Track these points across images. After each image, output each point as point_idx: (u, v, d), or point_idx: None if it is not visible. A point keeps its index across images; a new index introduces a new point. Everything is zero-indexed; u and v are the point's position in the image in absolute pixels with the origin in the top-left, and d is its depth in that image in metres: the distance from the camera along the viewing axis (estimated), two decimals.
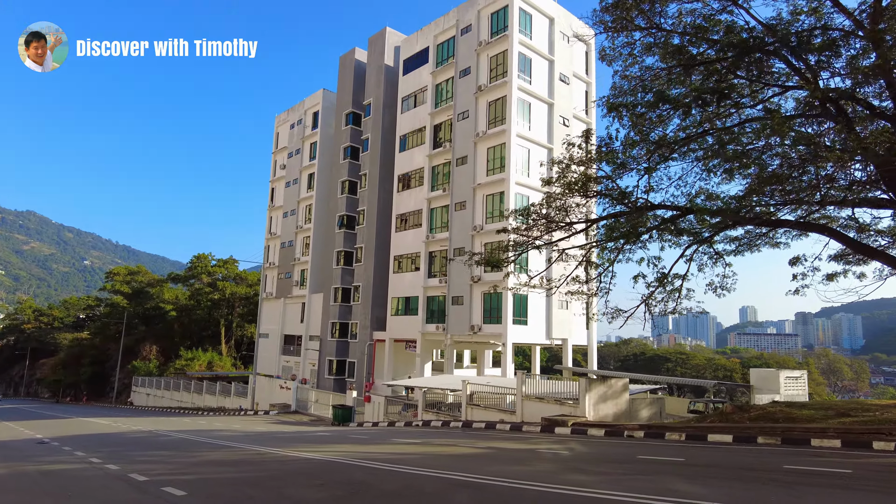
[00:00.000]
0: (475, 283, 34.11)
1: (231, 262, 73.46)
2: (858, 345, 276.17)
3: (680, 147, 14.02)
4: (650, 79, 14.01)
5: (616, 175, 15.11)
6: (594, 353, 38.55)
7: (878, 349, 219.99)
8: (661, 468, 9.25)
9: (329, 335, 44.86)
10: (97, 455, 13.56)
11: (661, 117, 14.88)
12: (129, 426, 24.32)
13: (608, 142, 14.65)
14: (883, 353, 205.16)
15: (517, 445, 13.33)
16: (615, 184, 15.61)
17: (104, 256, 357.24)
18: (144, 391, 56.60)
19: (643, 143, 14.21)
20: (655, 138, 14.03)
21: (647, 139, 14.89)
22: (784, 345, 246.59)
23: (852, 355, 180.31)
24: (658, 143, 13.61)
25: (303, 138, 53.52)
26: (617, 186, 15.64)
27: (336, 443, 15.03)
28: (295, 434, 19.12)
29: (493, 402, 22.02)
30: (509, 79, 34.41)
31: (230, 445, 14.71)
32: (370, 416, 26.45)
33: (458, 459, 10.99)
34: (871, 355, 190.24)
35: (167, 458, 13.01)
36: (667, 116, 14.60)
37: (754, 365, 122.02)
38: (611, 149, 14.46)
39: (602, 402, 18.48)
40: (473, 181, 35.45)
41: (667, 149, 14.29)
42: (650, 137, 14.29)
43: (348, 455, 11.81)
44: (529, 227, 16.72)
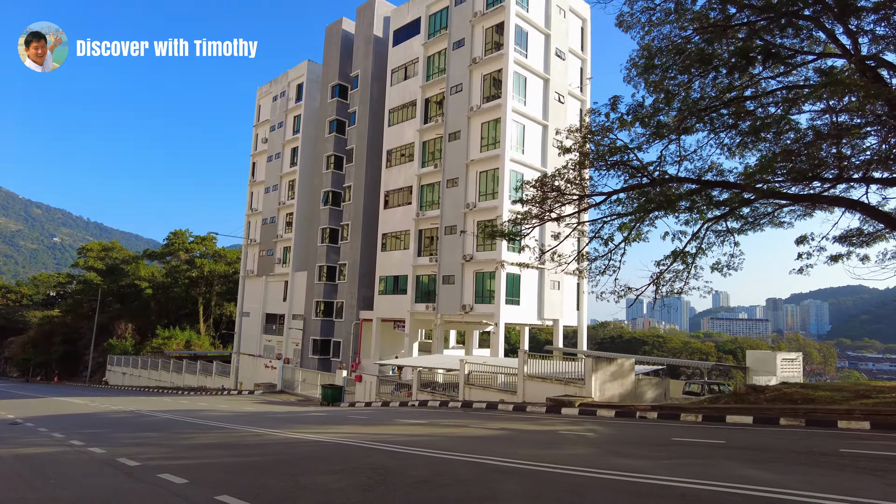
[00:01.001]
0: (467, 262, 33.32)
1: (209, 238, 71.39)
2: (825, 330, 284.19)
3: (710, 114, 13.23)
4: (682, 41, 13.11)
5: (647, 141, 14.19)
6: (584, 333, 38.23)
7: (842, 334, 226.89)
8: (708, 451, 8.61)
9: (313, 314, 43.76)
10: (78, 437, 12.49)
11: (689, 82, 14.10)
12: (107, 406, 23.11)
13: (638, 104, 13.69)
14: (847, 338, 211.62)
15: (531, 427, 12.65)
16: (634, 154, 14.79)
17: (74, 233, 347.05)
18: (120, 370, 54.88)
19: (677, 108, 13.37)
20: (681, 105, 13.22)
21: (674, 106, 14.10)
22: (755, 329, 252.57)
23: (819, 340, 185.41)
24: (690, 107, 12.75)
25: (286, 111, 51.69)
26: (637, 157, 14.82)
27: (337, 424, 14.19)
28: (288, 414, 18.22)
29: (490, 382, 21.38)
30: (505, 51, 33.30)
31: (222, 426, 13.76)
32: (361, 396, 25.65)
33: (477, 442, 10.23)
34: (837, 340, 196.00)
35: (156, 440, 12.01)
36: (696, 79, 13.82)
37: (729, 349, 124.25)
38: (638, 115, 13.54)
39: (609, 383, 17.93)
40: (466, 157, 34.44)
41: (695, 117, 13.50)
42: (674, 105, 13.51)
43: (357, 437, 10.97)
44: (545, 198, 15.73)
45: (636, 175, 15.70)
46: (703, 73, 12.99)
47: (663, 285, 17.88)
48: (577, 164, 15.53)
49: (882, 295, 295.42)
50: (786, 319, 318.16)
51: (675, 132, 13.68)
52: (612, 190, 15.57)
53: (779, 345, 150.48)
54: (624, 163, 14.69)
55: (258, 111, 56.64)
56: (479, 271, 32.99)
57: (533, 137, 34.76)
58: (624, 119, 13.94)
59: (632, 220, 16.64)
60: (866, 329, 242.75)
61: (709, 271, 18.29)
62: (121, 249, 76.03)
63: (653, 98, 14.49)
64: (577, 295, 37.99)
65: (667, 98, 13.27)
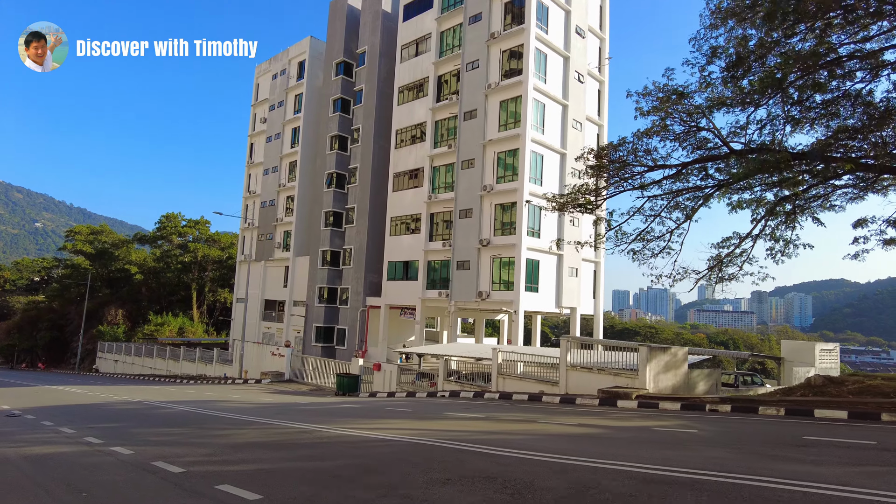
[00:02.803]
0: (483, 248, 31.85)
1: (203, 222, 69.10)
2: (808, 323, 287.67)
3: (810, 75, 11.79)
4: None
5: (734, 105, 12.73)
6: (600, 322, 37.05)
7: (825, 327, 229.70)
8: (886, 456, 7.28)
9: (316, 300, 42.11)
10: (92, 433, 10.90)
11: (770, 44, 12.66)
12: (109, 395, 21.41)
13: (735, 62, 12.19)
14: (830, 330, 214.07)
15: (610, 422, 11.28)
16: (711, 122, 13.32)
17: (57, 219, 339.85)
18: (112, 357, 52.82)
19: (761, 75, 11.92)
20: (781, 63, 11.74)
21: (753, 70, 12.69)
22: (741, 321, 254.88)
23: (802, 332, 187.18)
24: (791, 62, 11.27)
25: (287, 90, 49.58)
26: (712, 127, 13.36)
27: (382, 418, 12.71)
28: (317, 406, 16.68)
29: (527, 372, 20.02)
30: (527, 26, 31.67)
31: (255, 420, 12.21)
32: (379, 385, 24.18)
33: (574, 441, 8.81)
34: (820, 332, 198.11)
35: (187, 437, 10.45)
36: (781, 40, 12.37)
37: (720, 340, 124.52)
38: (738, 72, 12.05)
39: (662, 374, 16.63)
40: (483, 137, 32.85)
41: (776, 86, 12.05)
42: (767, 63, 12.07)
43: (421, 434, 9.51)
44: (622, 165, 14.16)
45: (714, 146, 14.27)
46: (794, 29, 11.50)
47: (720, 268, 16.59)
48: (651, 132, 13.80)
49: (863, 288, 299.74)
50: (770, 312, 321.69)
51: (766, 94, 12.20)
52: (698, 157, 13.86)
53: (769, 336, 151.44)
54: (707, 129, 13.18)
55: (256, 90, 54.41)
56: (497, 256, 31.55)
57: (553, 117, 33.24)
58: (731, 77, 12.28)
59: (696, 196, 15.26)
60: (848, 322, 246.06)
61: (762, 258, 16.88)
62: (110, 233, 73.44)
63: (739, 51, 13.04)
64: (593, 282, 36.74)
65: (761, 49, 11.79)
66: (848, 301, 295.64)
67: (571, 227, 33.54)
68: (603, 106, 38.43)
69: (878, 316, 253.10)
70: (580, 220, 34.37)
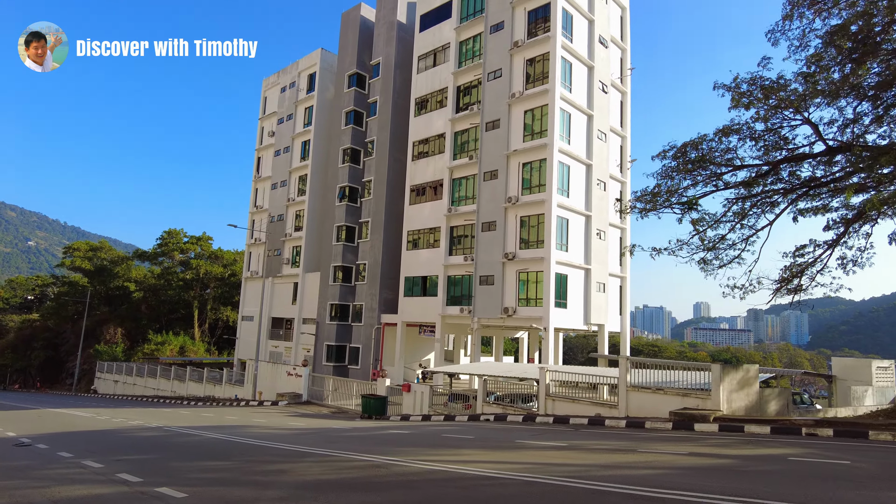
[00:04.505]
0: (508, 261, 30.54)
1: (205, 238, 67.50)
2: (804, 340, 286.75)
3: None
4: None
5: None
6: (627, 340, 35.69)
7: (822, 345, 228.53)
8: None
9: (328, 318, 40.54)
10: (123, 467, 9.38)
11: None
12: (122, 420, 19.73)
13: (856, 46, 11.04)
14: (827, 348, 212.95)
15: (723, 450, 9.86)
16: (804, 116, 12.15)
17: (51, 237, 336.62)
18: (111, 378, 50.76)
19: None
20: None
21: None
22: (738, 339, 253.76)
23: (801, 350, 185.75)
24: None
25: (296, 102, 48.54)
26: (805, 121, 12.19)
27: (448, 447, 11.22)
28: (361, 432, 15.10)
29: (574, 394, 18.57)
30: (553, 34, 30.79)
31: (308, 451, 10.69)
32: (410, 407, 22.59)
33: (720, 477, 7.36)
34: (817, 350, 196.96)
35: (241, 474, 8.94)
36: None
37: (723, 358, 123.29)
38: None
39: (735, 393, 15.24)
40: (507, 147, 31.76)
41: None
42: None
43: (522, 468, 8.06)
44: (700, 163, 12.92)
45: (793, 147, 13.07)
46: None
47: (802, 277, 15.31)
48: (730, 130, 12.59)
49: (858, 306, 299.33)
50: (766, 330, 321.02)
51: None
52: (785, 157, 12.67)
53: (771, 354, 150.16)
54: (806, 122, 11.99)
55: (264, 103, 53.35)
56: (523, 271, 30.22)
57: (578, 127, 32.23)
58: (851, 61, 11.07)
59: (775, 200, 14.03)
60: (845, 339, 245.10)
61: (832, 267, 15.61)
62: (109, 249, 71.65)
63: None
64: (619, 298, 35.42)
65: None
66: (843, 318, 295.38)
67: (598, 241, 32.32)
68: (626, 117, 37.53)
69: (874, 333, 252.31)
70: (606, 234, 33.21)
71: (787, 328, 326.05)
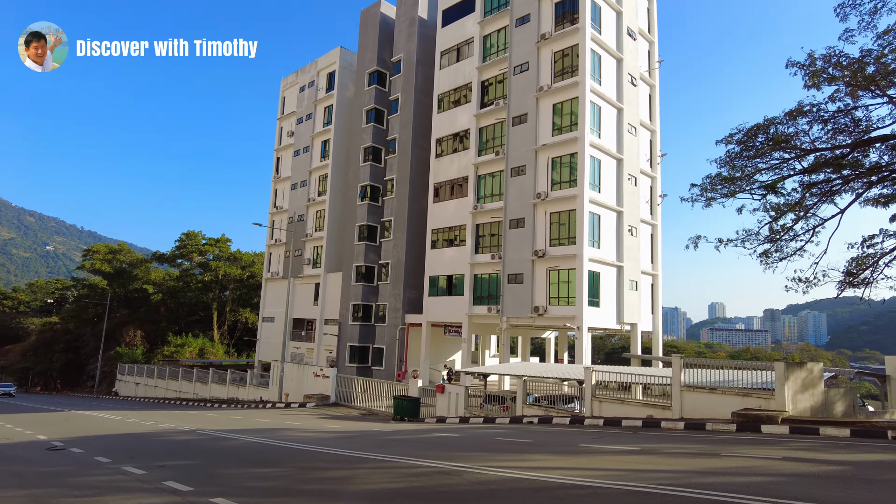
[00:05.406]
0: (538, 259, 29.72)
1: (223, 240, 67.34)
2: (823, 341, 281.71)
3: None
4: None
5: None
6: (660, 339, 34.65)
7: (841, 345, 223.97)
8: None
9: (350, 318, 39.94)
10: (167, 474, 8.76)
11: None
12: (152, 423, 19.19)
13: None
14: (847, 348, 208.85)
15: (818, 455, 9.02)
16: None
17: (68, 242, 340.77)
18: (132, 380, 50.59)
19: None
20: None
21: None
22: (755, 340, 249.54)
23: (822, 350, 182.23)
24: None
25: (315, 102, 48.10)
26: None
27: (507, 451, 10.45)
28: (407, 435, 14.37)
29: (619, 395, 17.73)
30: (582, 25, 29.97)
31: (362, 457, 9.98)
32: (444, 409, 21.85)
33: (842, 486, 6.55)
34: (837, 351, 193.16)
35: (298, 483, 8.25)
36: None
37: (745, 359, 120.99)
38: None
39: (800, 393, 14.33)
40: (535, 142, 30.95)
41: None
42: None
43: (602, 475, 7.29)
44: (774, 145, 12.05)
45: (864, 130, 12.16)
46: None
47: (859, 272, 14.37)
48: (798, 112, 11.74)
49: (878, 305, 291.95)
50: (783, 330, 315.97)
51: None
52: (863, 140, 11.78)
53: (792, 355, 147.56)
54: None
55: (282, 103, 53.01)
56: (554, 268, 29.38)
57: (608, 121, 31.32)
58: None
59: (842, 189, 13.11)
60: (865, 340, 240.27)
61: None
62: (128, 252, 71.81)
63: None
64: (651, 297, 34.43)
65: None
66: (863, 318, 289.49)
67: (630, 238, 31.39)
68: (654, 111, 36.56)
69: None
70: (638, 230, 32.27)
71: (805, 328, 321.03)
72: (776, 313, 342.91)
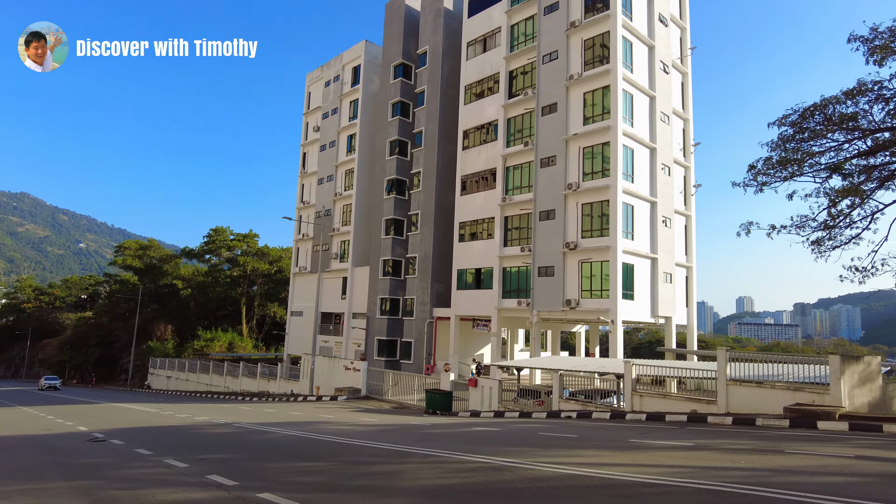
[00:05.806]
0: (570, 251, 29.16)
1: (251, 236, 68.02)
2: (857, 336, 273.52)
3: None
4: None
5: None
6: (694, 333, 33.88)
7: (876, 340, 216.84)
8: None
9: (378, 312, 39.88)
10: (209, 467, 8.62)
11: None
12: (187, 416, 19.31)
13: None
14: (883, 344, 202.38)
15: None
16: None
17: (99, 239, 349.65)
18: (164, 373, 51.48)
19: None
20: None
21: None
22: (784, 335, 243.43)
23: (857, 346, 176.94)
24: None
25: (341, 96, 48.04)
26: None
27: (554, 447, 10.10)
28: (447, 429, 14.10)
29: (663, 389, 17.20)
30: (613, 11, 29.20)
31: (407, 451, 9.73)
32: (477, 403, 21.57)
33: None
34: (873, 346, 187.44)
35: (345, 478, 8.03)
36: None
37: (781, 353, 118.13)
38: None
39: (857, 388, 13.67)
40: (565, 132, 30.34)
41: None
42: None
43: (663, 472, 6.90)
44: (835, 125, 11.45)
45: None
46: None
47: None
48: (858, 91, 11.09)
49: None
50: (814, 325, 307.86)
51: None
52: None
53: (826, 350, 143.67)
54: None
55: (308, 98, 53.09)
56: (586, 261, 28.80)
57: (641, 109, 30.54)
58: None
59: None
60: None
61: None
62: (158, 248, 73.08)
63: None
64: (685, 290, 33.61)
65: None
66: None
67: (664, 229, 30.62)
68: (687, 99, 35.61)
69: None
70: (672, 221, 31.47)
71: (838, 323, 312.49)
72: (807, 307, 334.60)
